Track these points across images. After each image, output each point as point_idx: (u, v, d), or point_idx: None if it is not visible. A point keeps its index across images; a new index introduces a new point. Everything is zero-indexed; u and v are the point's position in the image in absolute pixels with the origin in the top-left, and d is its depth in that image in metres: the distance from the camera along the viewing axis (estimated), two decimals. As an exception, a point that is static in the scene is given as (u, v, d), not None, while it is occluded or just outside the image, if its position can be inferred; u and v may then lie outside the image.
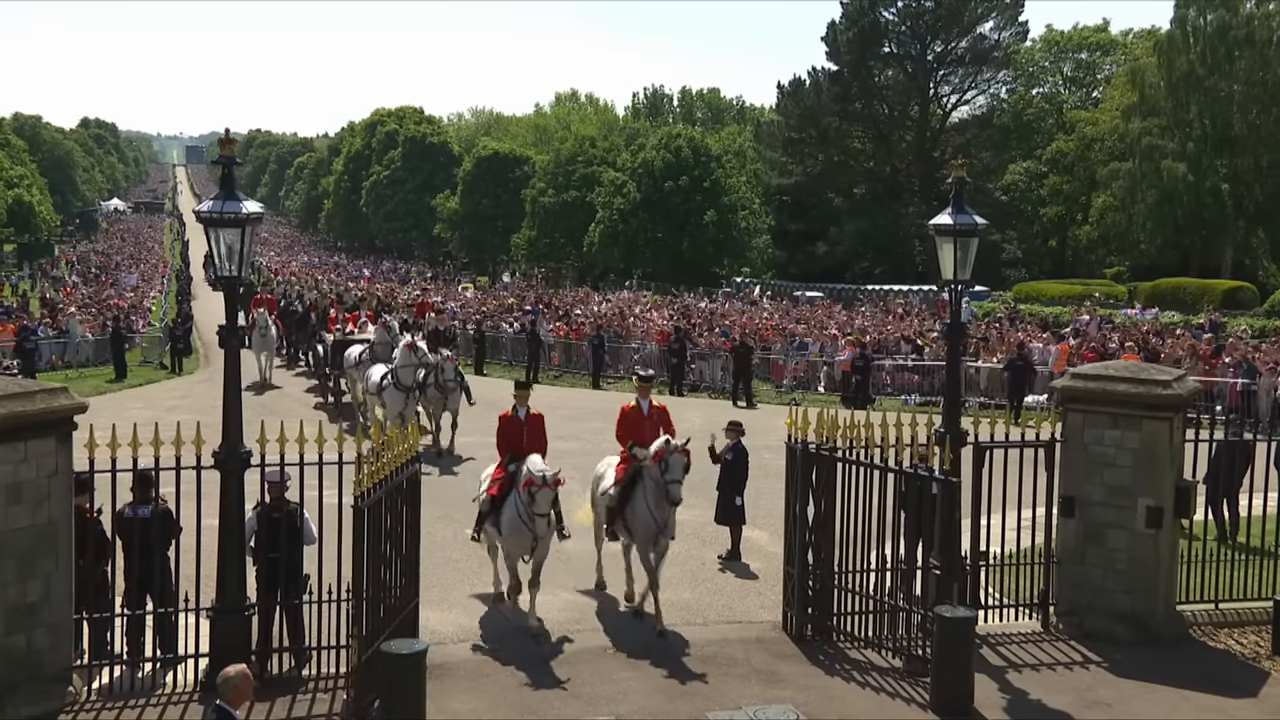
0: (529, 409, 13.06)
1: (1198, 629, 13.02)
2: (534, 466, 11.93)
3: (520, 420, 12.96)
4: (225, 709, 6.97)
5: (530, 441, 12.68)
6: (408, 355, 20.92)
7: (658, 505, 12.35)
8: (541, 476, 11.77)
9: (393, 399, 20.65)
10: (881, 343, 32.44)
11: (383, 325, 24.47)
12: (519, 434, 12.81)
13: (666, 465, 12.14)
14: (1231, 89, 52.32)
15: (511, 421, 12.98)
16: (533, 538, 12.09)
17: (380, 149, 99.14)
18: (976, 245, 12.64)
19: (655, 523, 12.40)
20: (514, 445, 12.75)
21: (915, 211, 63.83)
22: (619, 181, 67.64)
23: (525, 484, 11.91)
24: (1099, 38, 70.57)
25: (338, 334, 27.15)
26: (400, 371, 20.81)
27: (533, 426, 12.94)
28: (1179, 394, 12.69)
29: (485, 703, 10.50)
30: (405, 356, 20.92)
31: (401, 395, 20.61)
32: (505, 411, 13.09)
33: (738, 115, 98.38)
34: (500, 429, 12.95)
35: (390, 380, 20.85)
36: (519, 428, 12.90)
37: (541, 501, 11.87)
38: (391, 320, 25.48)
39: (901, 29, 66.64)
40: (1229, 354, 29.19)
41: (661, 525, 12.44)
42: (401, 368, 20.87)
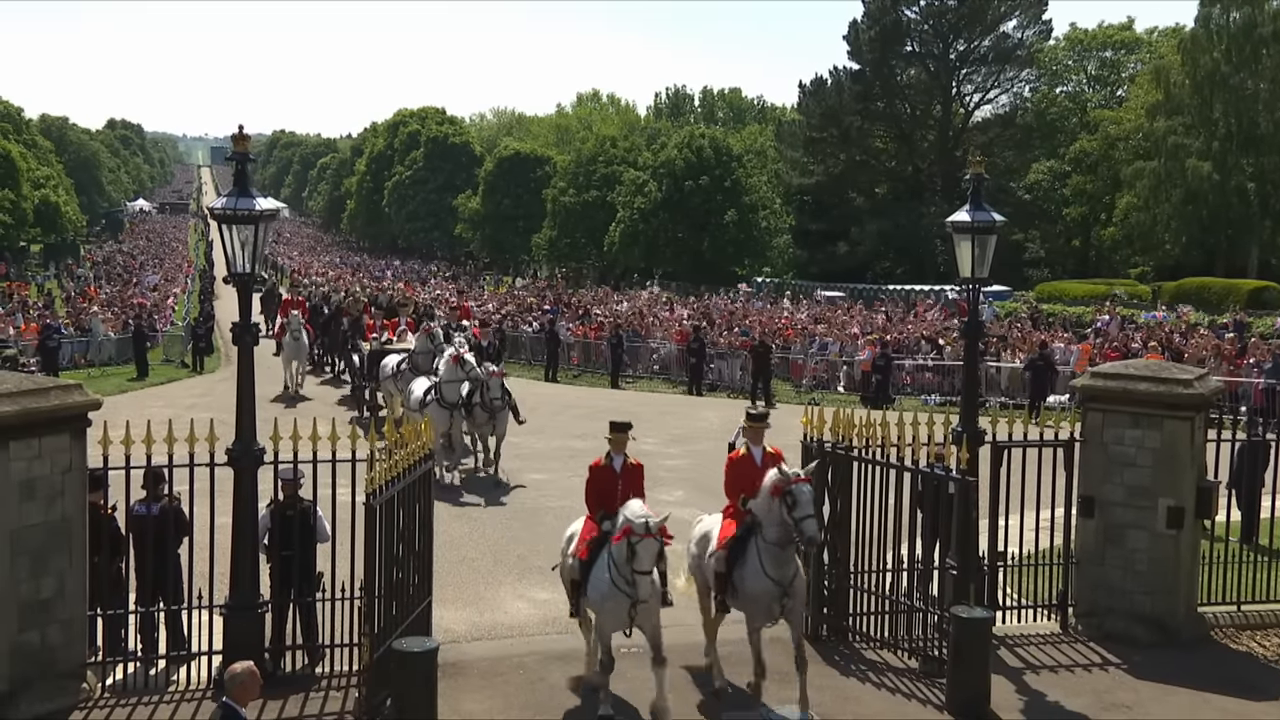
0: (626, 457, 10.80)
1: (1219, 631, 12.87)
2: (633, 512, 9.81)
3: (615, 472, 10.71)
4: (231, 706, 6.96)
5: (624, 497, 10.40)
6: (453, 369, 18.82)
7: (775, 564, 10.33)
8: (644, 524, 9.67)
9: (437, 417, 18.25)
10: (902, 342, 32.26)
11: (425, 332, 22.06)
12: (613, 488, 10.59)
13: (793, 499, 10.08)
14: (1257, 87, 51.79)
15: (604, 473, 10.76)
16: (631, 603, 9.83)
17: (402, 149, 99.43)
18: (994, 243, 12.53)
19: (777, 584, 10.33)
20: (607, 501, 10.53)
21: (937, 211, 63.25)
22: (640, 181, 67.61)
23: (622, 533, 9.77)
24: (1123, 36, 70.00)
25: (375, 343, 24.90)
26: (445, 387, 18.83)
27: (630, 479, 10.71)
28: (1200, 393, 12.53)
29: (499, 702, 10.47)
30: (450, 370, 18.86)
31: (446, 414, 18.66)
32: (597, 460, 10.88)
33: (759, 115, 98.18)
34: (591, 481, 10.77)
35: (434, 396, 18.97)
36: (613, 481, 10.65)
37: (644, 556, 9.64)
38: (434, 327, 22.76)
39: (924, 28, 66.26)
40: (1253, 354, 28.92)
41: (785, 586, 10.34)
42: (446, 383, 18.86)
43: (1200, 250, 54.25)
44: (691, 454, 21.84)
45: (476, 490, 18.84)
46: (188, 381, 32.57)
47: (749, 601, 10.49)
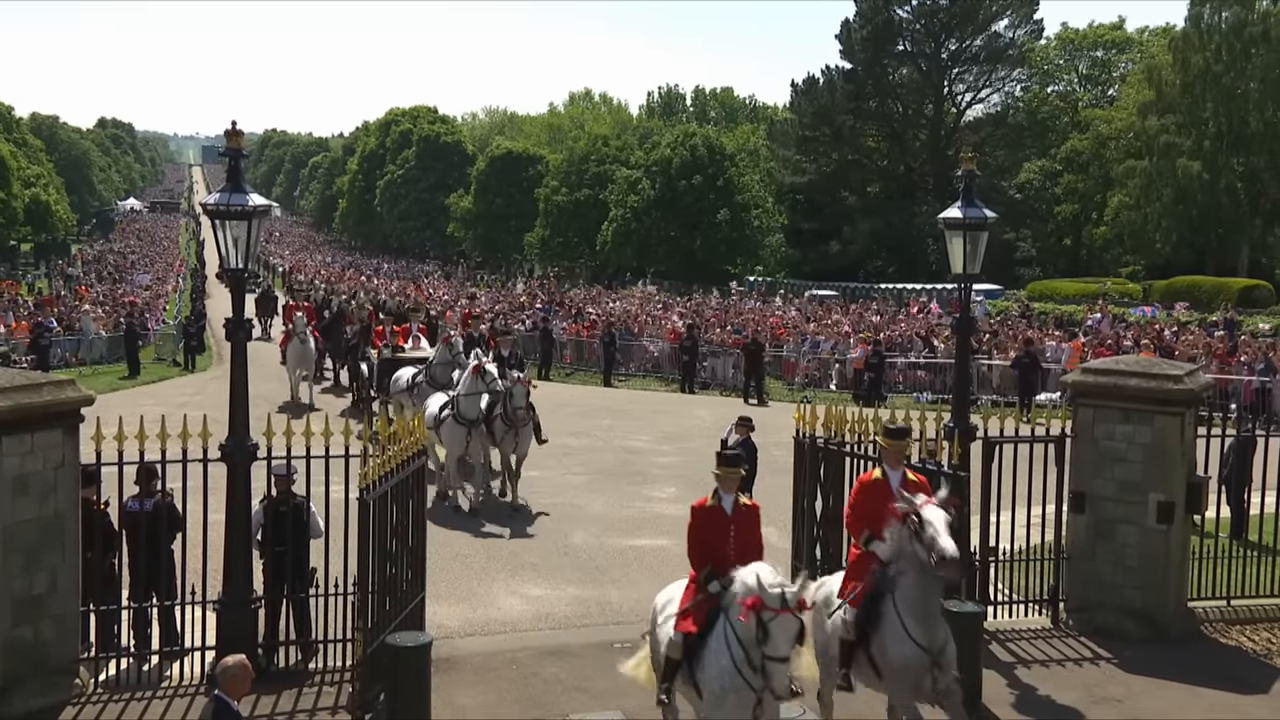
0: (737, 497, 8.75)
1: (1209, 626, 12.93)
2: (764, 580, 7.69)
3: (725, 515, 8.64)
4: (224, 699, 6.97)
5: (740, 549, 8.46)
6: (473, 381, 16.86)
7: (920, 622, 8.46)
8: (779, 595, 7.58)
9: (452, 436, 16.84)
10: (894, 340, 32.34)
11: (444, 342, 20.20)
12: (723, 538, 8.55)
13: (920, 519, 8.37)
14: (1247, 86, 51.96)
15: (712, 517, 8.66)
16: (757, 699, 7.88)
17: (394, 148, 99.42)
18: (986, 239, 12.60)
19: (925, 651, 8.44)
20: (715, 553, 8.47)
21: (929, 210, 63.39)
22: (633, 179, 67.67)
23: (749, 606, 7.69)
24: (1114, 35, 70.19)
25: (386, 351, 22.84)
26: (463, 401, 16.82)
27: (744, 527, 8.67)
28: (1191, 389, 12.59)
29: (492, 697, 10.50)
30: (471, 383, 16.89)
31: (463, 431, 16.79)
32: (701, 499, 8.92)
33: (751, 114, 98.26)
34: (695, 527, 8.72)
35: (450, 412, 16.96)
36: (723, 528, 8.60)
37: (780, 637, 7.60)
38: (455, 336, 20.79)
39: (916, 27, 66.38)
40: (1243, 352, 29.05)
41: (936, 653, 8.45)
42: (465, 396, 16.85)
43: (1191, 249, 54.44)
44: (684, 451, 21.90)
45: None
46: (179, 380, 32.53)
47: (892, 676, 8.54)
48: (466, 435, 16.85)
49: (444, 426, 16.85)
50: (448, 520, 16.02)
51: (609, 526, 16.16)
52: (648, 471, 20.20)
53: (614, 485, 18.73)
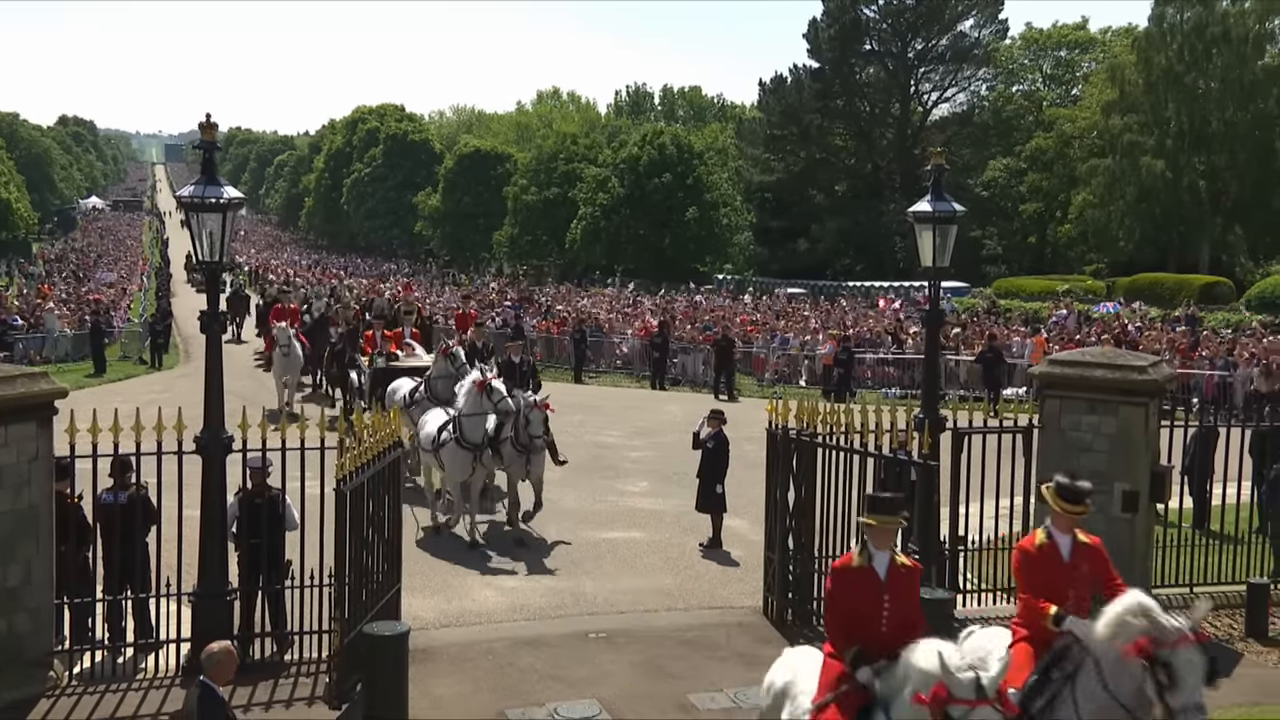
0: (894, 554, 7.10)
1: (1173, 612, 13.13)
2: (950, 662, 6.15)
3: (878, 579, 6.95)
4: (209, 685, 7.00)
5: (897, 623, 6.86)
6: (477, 400, 14.77)
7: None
8: (972, 683, 6.07)
9: (454, 461, 14.86)
10: (863, 337, 32.61)
11: (443, 354, 17.77)
12: (875, 605, 6.90)
13: (1171, 675, 6.42)
14: (1209, 86, 52.73)
15: (861, 580, 6.96)
16: None
17: (361, 146, 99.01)
18: (955, 233, 12.78)
19: None
20: (865, 628, 6.85)
21: (896, 209, 63.86)
22: (601, 178, 67.75)
23: (931, 701, 6.11)
24: (1078, 35, 70.96)
25: (379, 359, 20.36)
26: (466, 422, 14.78)
27: (902, 591, 6.99)
28: (1155, 379, 12.81)
29: (468, 686, 10.55)
30: (474, 401, 14.80)
31: (468, 455, 14.76)
32: (845, 558, 7.28)
33: (719, 113, 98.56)
34: (836, 593, 7.08)
35: (452, 435, 14.93)
36: (874, 595, 6.92)
37: None
38: (455, 346, 18.24)
39: (882, 26, 66.85)
40: (1205, 347, 29.55)
41: None
42: (468, 416, 14.80)
43: (1153, 247, 55.14)
44: (655, 445, 22.03)
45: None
46: (146, 378, 32.30)
47: None
48: (473, 461, 14.78)
49: (445, 451, 14.84)
50: (421, 514, 16.00)
51: (582, 520, 16.24)
52: (620, 466, 20.29)
53: (586, 480, 18.80)
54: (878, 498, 7.39)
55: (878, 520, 7.05)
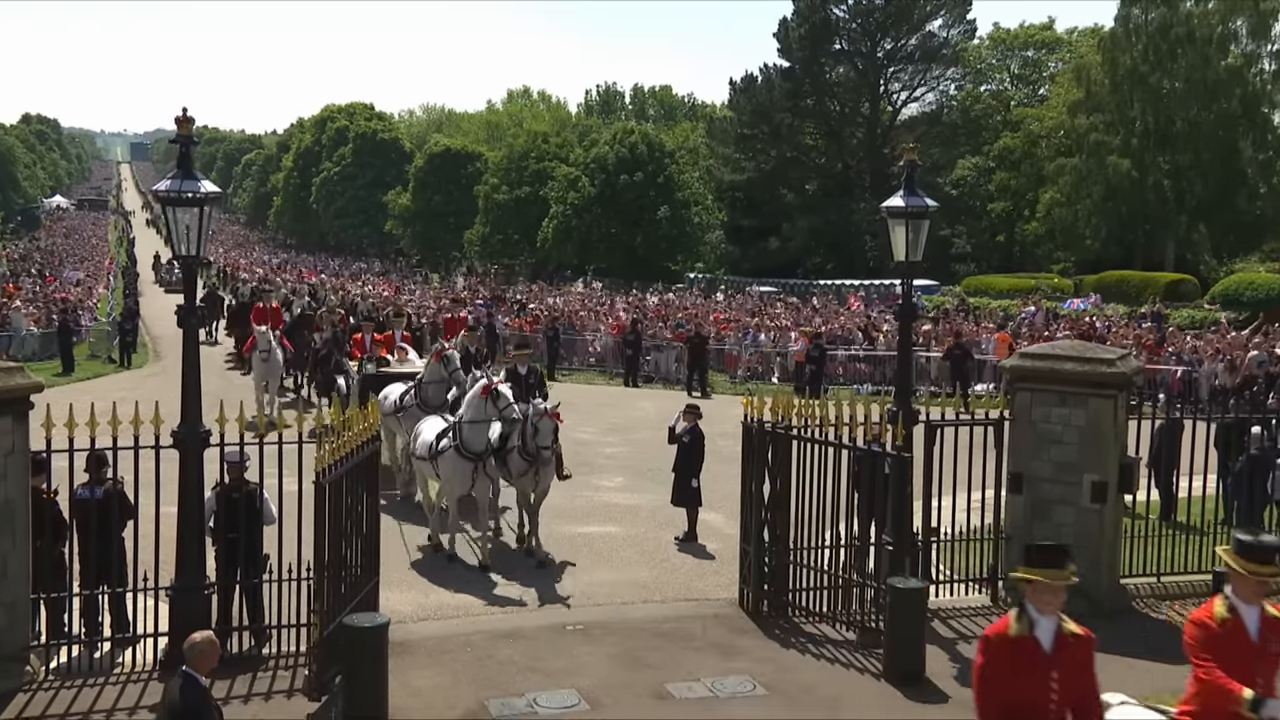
0: (1061, 621, 6.12)
1: (1140, 601, 13.39)
2: None
3: (1042, 651, 6.02)
4: (192, 675, 7.03)
5: (1065, 702, 6.00)
6: (482, 406, 13.81)
7: None
8: None
9: (453, 471, 13.89)
10: (835, 334, 32.84)
11: (437, 357, 16.83)
12: (1040, 681, 5.99)
13: None
14: (1173, 86, 53.33)
15: (1020, 651, 6.04)
16: None
17: (330, 145, 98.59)
18: (928, 227, 12.94)
19: None
20: (1028, 709, 5.97)
21: (866, 208, 64.28)
22: (573, 177, 67.75)
23: None
24: (1045, 36, 71.59)
25: (368, 365, 19.33)
26: (469, 430, 13.84)
27: (1072, 665, 6.09)
28: (1123, 372, 13.03)
29: (447, 677, 10.61)
30: (478, 407, 13.84)
31: (469, 466, 13.83)
32: (998, 623, 6.31)
33: (689, 112, 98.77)
34: (988, 666, 6.14)
35: (452, 442, 14.00)
36: (1040, 667, 6.01)
37: None
38: (450, 350, 17.16)
39: (852, 26, 67.20)
40: (1171, 343, 29.97)
41: None
42: (470, 424, 13.86)
43: (1119, 245, 55.73)
44: (630, 442, 22.14)
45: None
46: (115, 376, 32.06)
47: None
48: (473, 471, 13.83)
49: (444, 460, 13.92)
50: (396, 509, 16.02)
51: (558, 515, 16.29)
52: (594, 462, 20.36)
53: (562, 475, 18.84)
54: (1040, 548, 6.03)
55: (1042, 576, 5.78)
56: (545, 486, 14.52)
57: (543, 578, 13.61)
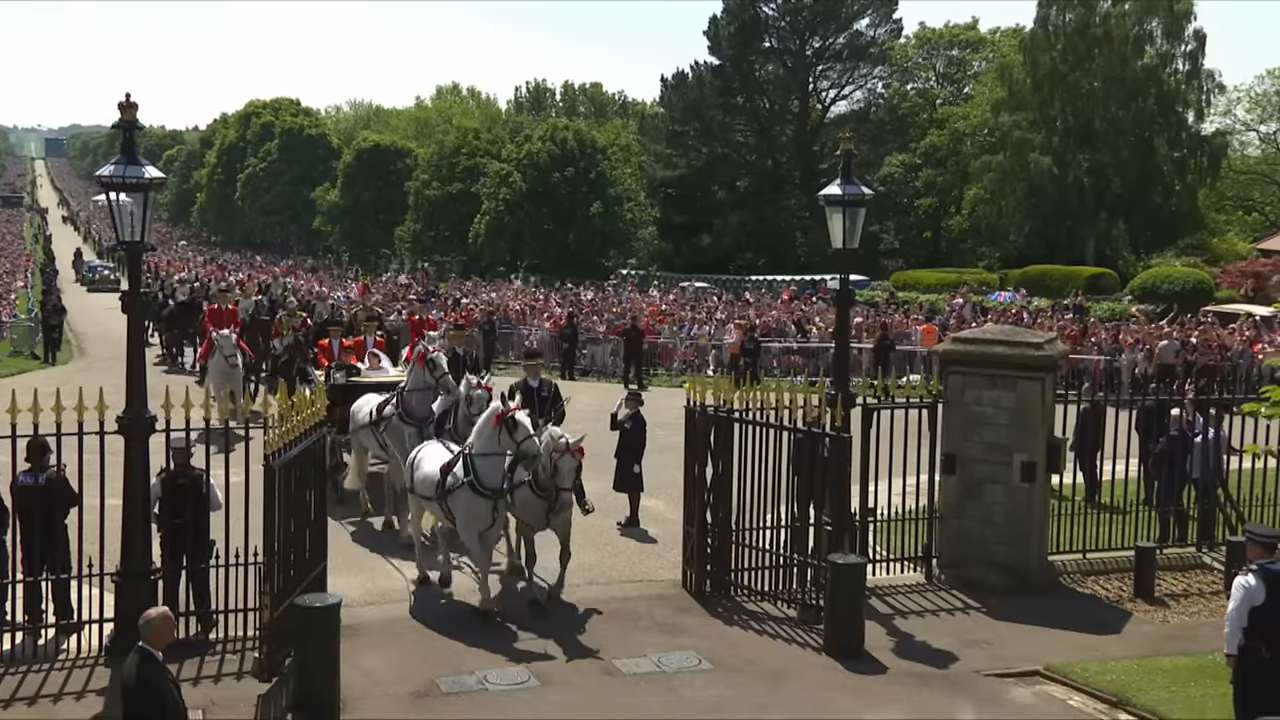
0: None
1: (1067, 576, 13.89)
2: None
3: None
4: (148, 651, 7.06)
5: None
6: (495, 437, 11.84)
7: None
8: None
9: (470, 510, 11.94)
10: (769, 326, 33.28)
11: (421, 362, 14.62)
12: None
13: None
14: (1092, 85, 54.64)
15: None
16: None
17: (256, 141, 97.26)
18: (864, 215, 13.31)
19: None
20: None
21: (797, 204, 65.13)
22: (504, 173, 67.57)
23: None
24: (968, 35, 72.91)
25: (337, 375, 16.83)
26: (483, 465, 11.85)
27: None
28: (1050, 355, 13.52)
29: (397, 658, 10.71)
30: (490, 438, 11.88)
31: (486, 504, 11.90)
32: None
33: (620, 110, 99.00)
34: None
35: (463, 478, 11.93)
36: None
37: None
38: (436, 353, 14.87)
39: (781, 24, 67.93)
40: (1093, 334, 30.91)
41: None
42: (483, 457, 11.87)
43: (1042, 240, 56.99)
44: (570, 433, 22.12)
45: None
46: (41, 373, 31.33)
47: None
48: (493, 509, 11.99)
49: (457, 498, 11.96)
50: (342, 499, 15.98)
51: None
52: (534, 452, 20.42)
53: (503, 465, 18.93)
54: None
55: None
56: (565, 523, 12.55)
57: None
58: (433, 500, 12.41)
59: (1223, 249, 56.05)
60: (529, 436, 11.77)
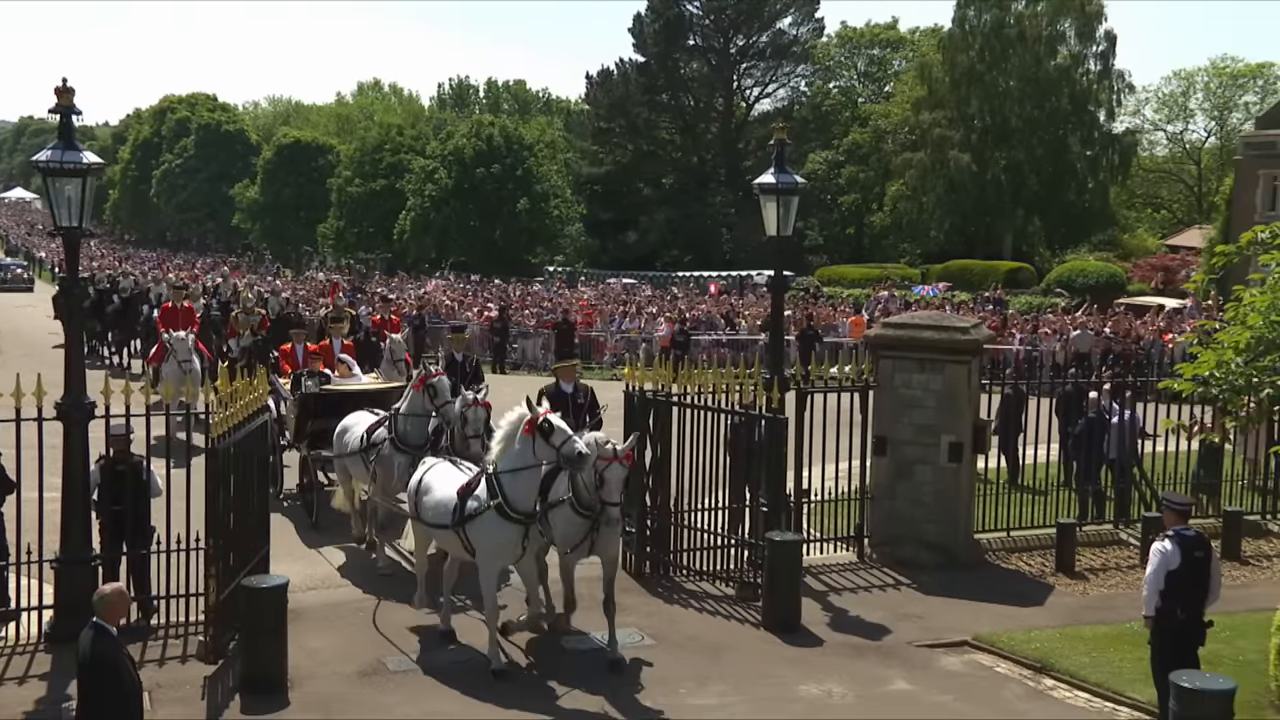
0: None
1: (992, 553, 14.38)
2: None
3: None
4: (102, 626, 7.08)
5: None
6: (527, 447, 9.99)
7: None
8: None
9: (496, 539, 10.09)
10: (698, 320, 33.67)
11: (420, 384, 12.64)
12: None
13: None
14: (1008, 84, 55.99)
15: None
16: None
17: (171, 137, 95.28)
18: (797, 204, 13.65)
19: None
20: None
21: (723, 201, 65.83)
22: (429, 169, 67.17)
23: None
24: (889, 35, 74.07)
25: (308, 383, 14.95)
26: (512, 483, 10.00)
27: None
28: (976, 339, 13.99)
29: (343, 639, 10.79)
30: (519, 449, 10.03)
31: (516, 531, 10.05)
32: None
33: (544, 107, 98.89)
34: None
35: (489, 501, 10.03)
36: None
37: None
38: (439, 376, 12.82)
39: (705, 22, 68.48)
40: (1013, 326, 31.82)
41: None
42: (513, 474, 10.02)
43: (961, 236, 58.24)
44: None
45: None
46: (-44, 370, 30.65)
47: None
48: (523, 537, 10.14)
49: (480, 525, 10.08)
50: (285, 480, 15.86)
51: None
52: (469, 443, 20.49)
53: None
54: None
55: None
56: (613, 554, 10.81)
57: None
58: (447, 529, 10.39)
59: (1133, 245, 57.82)
60: (569, 439, 9.81)
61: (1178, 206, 69.33)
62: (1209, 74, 66.42)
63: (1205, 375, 9.60)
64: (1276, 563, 14.46)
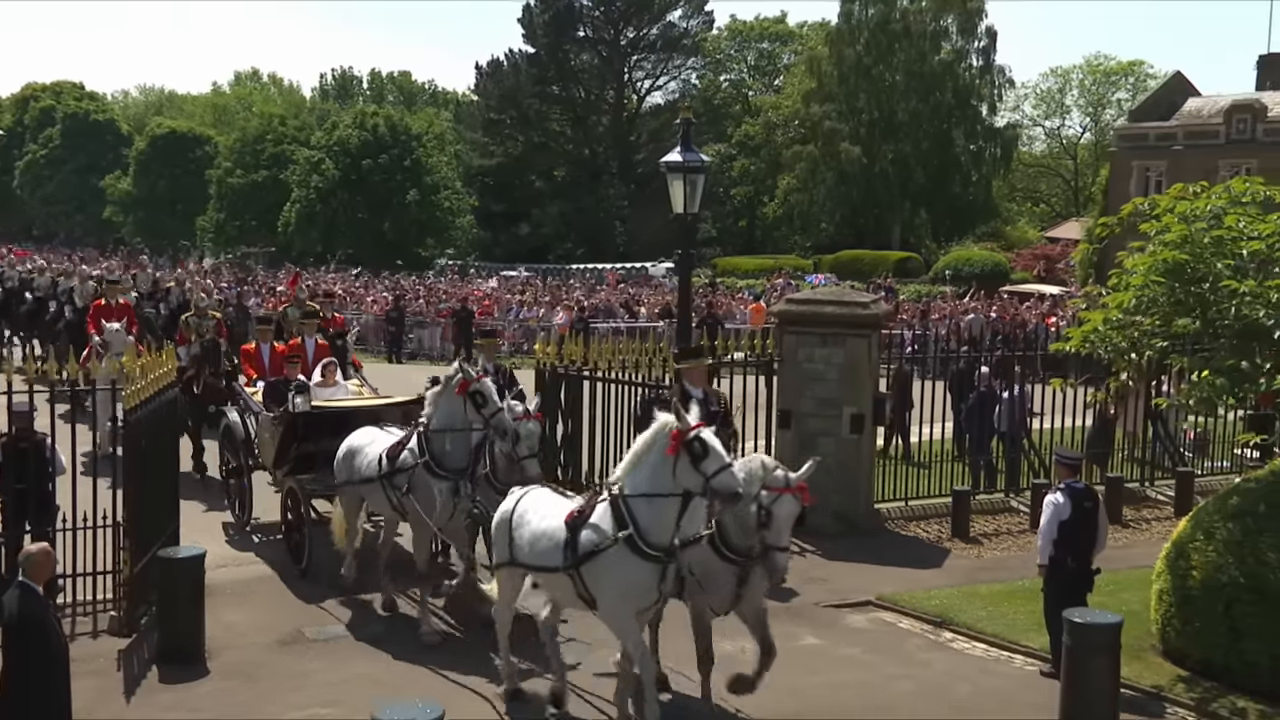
0: None
1: (892, 521, 14.92)
2: None
3: None
4: (29, 585, 7.00)
5: None
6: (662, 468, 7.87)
7: None
8: None
9: (624, 579, 7.94)
10: (596, 308, 33.90)
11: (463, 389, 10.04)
12: None
13: None
14: (894, 78, 57.37)
15: None
16: None
17: (35, 127, 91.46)
18: (703, 183, 13.95)
19: None
20: None
21: (615, 194, 66.09)
22: (315, 160, 65.97)
23: None
24: (778, 28, 75.11)
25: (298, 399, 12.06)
26: (645, 513, 7.88)
27: None
28: (876, 314, 14.51)
29: (259, 612, 10.74)
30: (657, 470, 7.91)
31: (652, 571, 7.99)
32: None
33: (431, 99, 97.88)
34: None
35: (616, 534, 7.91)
36: None
37: None
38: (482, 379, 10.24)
39: (595, 14, 68.61)
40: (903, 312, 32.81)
41: None
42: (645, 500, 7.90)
43: (851, 228, 59.50)
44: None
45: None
46: None
47: None
48: (660, 578, 8.04)
49: (606, 563, 7.98)
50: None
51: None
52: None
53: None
54: None
55: None
56: (759, 605, 8.73)
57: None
58: (558, 573, 8.20)
59: (1015, 236, 59.80)
60: (724, 467, 7.62)
61: (1056, 200, 71.92)
62: (1084, 71, 69.07)
63: (1090, 334, 10.15)
64: (1154, 525, 15.31)
